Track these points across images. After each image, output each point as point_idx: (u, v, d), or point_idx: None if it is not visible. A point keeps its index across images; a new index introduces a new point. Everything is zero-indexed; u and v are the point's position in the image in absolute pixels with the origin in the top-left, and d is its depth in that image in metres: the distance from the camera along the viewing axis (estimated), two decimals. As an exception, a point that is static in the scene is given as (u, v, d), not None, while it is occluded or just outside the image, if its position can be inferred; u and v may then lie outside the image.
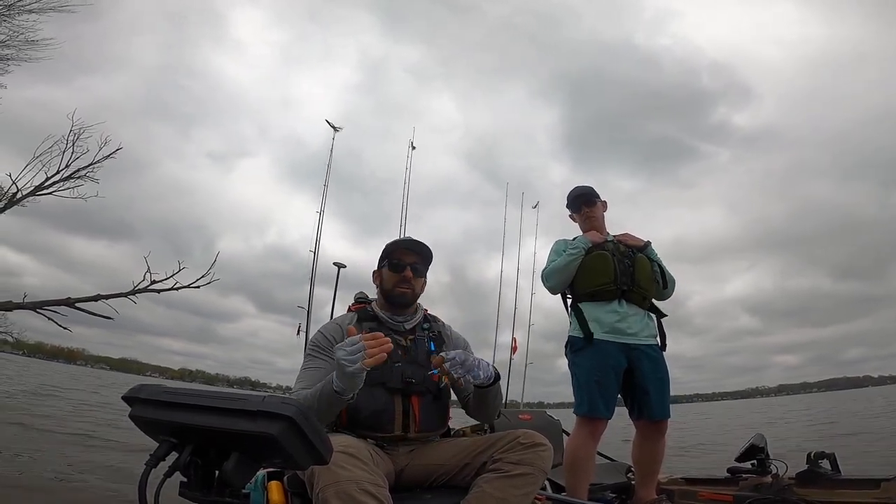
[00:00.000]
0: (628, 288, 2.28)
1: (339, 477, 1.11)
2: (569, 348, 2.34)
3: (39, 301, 6.13)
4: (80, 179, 6.78)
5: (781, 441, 5.99)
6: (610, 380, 2.19)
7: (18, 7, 6.90)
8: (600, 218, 2.54)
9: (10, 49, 7.11)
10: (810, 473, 2.20)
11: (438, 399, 1.55)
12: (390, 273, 1.61)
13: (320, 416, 1.27)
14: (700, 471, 3.13)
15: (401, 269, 1.60)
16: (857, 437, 7.68)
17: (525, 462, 1.32)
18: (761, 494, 2.24)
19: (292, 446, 0.79)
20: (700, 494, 2.49)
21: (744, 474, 2.40)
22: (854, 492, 2.06)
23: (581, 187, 2.57)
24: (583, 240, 2.40)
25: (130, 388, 0.84)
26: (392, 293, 1.61)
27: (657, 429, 2.24)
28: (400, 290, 1.60)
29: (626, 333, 2.24)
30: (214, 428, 0.79)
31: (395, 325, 1.61)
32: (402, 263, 1.61)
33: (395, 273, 1.60)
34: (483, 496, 1.28)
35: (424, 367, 1.51)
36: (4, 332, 8.65)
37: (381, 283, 1.65)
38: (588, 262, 2.34)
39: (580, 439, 2.20)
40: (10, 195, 6.58)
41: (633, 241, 2.45)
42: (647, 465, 2.29)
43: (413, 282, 1.60)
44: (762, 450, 2.36)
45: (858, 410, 15.94)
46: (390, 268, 1.61)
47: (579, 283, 2.35)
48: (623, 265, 2.32)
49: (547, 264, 2.47)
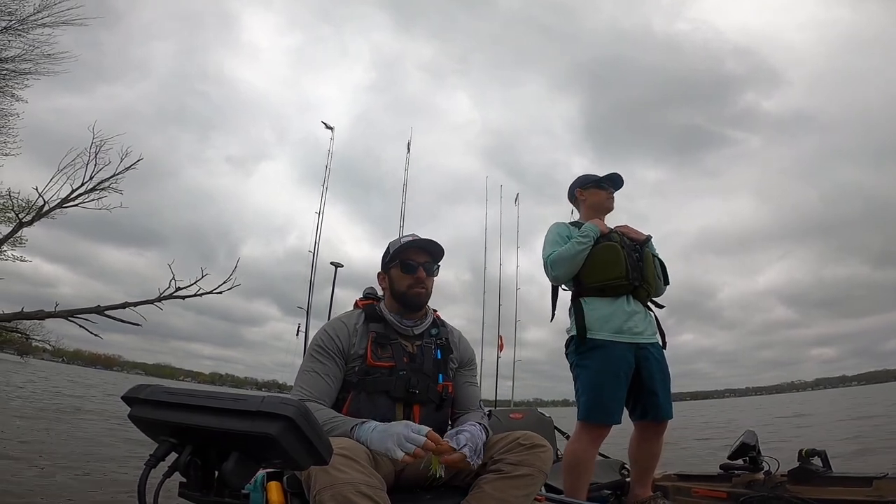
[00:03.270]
0: (639, 284, 2.09)
1: (336, 479, 1.05)
2: (572, 348, 2.12)
3: (70, 309, 6.14)
4: (105, 191, 6.81)
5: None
6: (621, 384, 2.01)
7: (32, 21, 6.95)
8: (607, 205, 2.32)
9: (28, 63, 7.17)
10: (802, 471, 2.14)
11: (440, 409, 1.46)
12: (402, 274, 1.48)
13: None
14: (693, 467, 3.08)
15: (413, 269, 1.47)
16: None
17: (526, 463, 1.26)
18: (755, 491, 2.18)
19: (292, 447, 0.74)
20: (694, 491, 2.43)
21: (737, 471, 2.35)
22: (846, 489, 2.00)
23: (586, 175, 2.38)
24: (592, 227, 2.14)
25: (130, 388, 0.81)
26: (406, 295, 1.48)
27: (659, 429, 2.11)
28: (414, 292, 1.47)
29: (633, 333, 2.05)
30: (214, 428, 0.74)
31: (403, 329, 1.48)
32: (414, 263, 1.48)
33: (408, 274, 1.47)
34: (483, 497, 1.23)
35: (429, 376, 1.43)
36: (42, 341, 8.68)
37: (391, 285, 1.51)
38: (598, 252, 2.10)
39: (582, 444, 2.03)
40: (37, 208, 6.60)
41: (634, 235, 2.23)
42: (644, 464, 2.18)
43: (426, 282, 1.49)
44: (754, 447, 2.30)
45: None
46: (402, 269, 1.48)
47: (587, 276, 2.11)
48: (632, 259, 2.12)
49: (548, 250, 2.19)
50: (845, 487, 2.01)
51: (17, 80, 7.28)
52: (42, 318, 6.44)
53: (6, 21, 6.86)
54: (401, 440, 1.13)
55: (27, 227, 6.86)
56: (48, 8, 6.93)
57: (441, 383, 1.46)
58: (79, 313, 6.10)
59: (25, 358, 42.75)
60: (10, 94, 7.30)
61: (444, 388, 1.46)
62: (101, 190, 6.78)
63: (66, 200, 6.61)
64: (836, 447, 4.74)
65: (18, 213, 6.81)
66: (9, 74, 7.18)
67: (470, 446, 1.21)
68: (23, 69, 7.21)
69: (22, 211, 6.79)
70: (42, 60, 7.16)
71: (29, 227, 6.90)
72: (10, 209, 6.91)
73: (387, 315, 1.49)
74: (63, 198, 6.57)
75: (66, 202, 6.62)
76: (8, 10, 6.80)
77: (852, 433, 7.97)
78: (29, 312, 6.30)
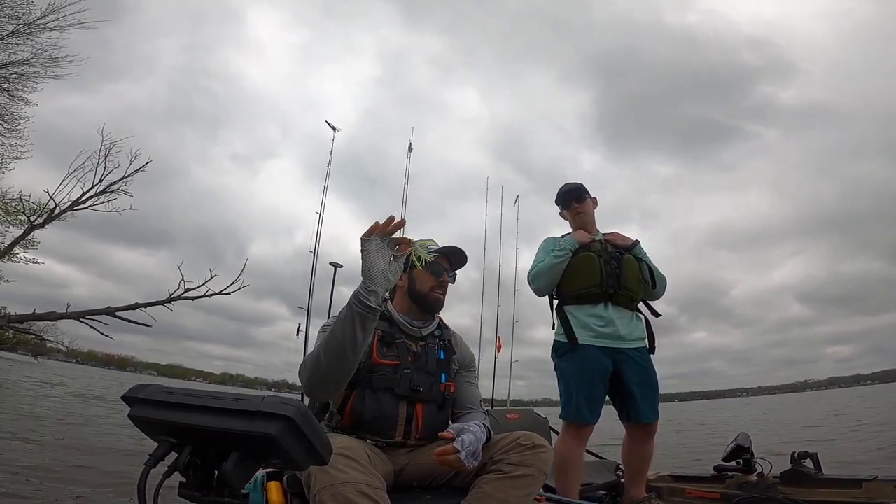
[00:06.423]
0: (615, 291, 2.13)
1: (336, 479, 1.03)
2: (554, 353, 2.20)
3: (82, 311, 6.12)
4: (114, 193, 6.80)
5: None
6: (596, 385, 2.06)
7: (39, 25, 6.93)
8: (590, 215, 2.36)
9: (37, 67, 7.14)
10: (794, 473, 2.13)
11: (443, 408, 1.45)
12: (428, 276, 1.48)
13: (338, 353, 1.16)
14: (686, 468, 3.06)
15: (440, 273, 1.49)
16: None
17: (526, 463, 1.24)
18: (748, 492, 2.16)
19: (292, 446, 0.72)
20: (688, 492, 2.40)
21: (730, 472, 2.32)
22: (837, 491, 1.98)
23: (571, 184, 2.40)
24: (570, 241, 2.22)
25: (129, 387, 0.79)
26: (428, 296, 1.48)
27: (646, 431, 2.12)
28: (436, 295, 1.49)
29: (611, 337, 2.09)
30: (214, 428, 0.72)
31: (412, 329, 1.48)
32: (441, 268, 1.49)
33: (435, 276, 1.48)
34: (483, 497, 1.20)
35: (432, 375, 1.43)
36: (56, 342, 8.63)
37: (412, 284, 1.50)
38: (574, 263, 2.17)
39: (567, 443, 2.08)
40: (48, 210, 6.59)
41: (621, 241, 2.28)
42: (636, 465, 2.18)
43: (446, 287, 1.51)
44: (747, 449, 2.28)
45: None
46: (431, 270, 1.47)
47: (565, 286, 2.20)
48: (609, 267, 2.16)
49: (534, 264, 2.28)
50: (836, 489, 2.00)
51: (27, 84, 7.26)
52: (54, 320, 6.42)
53: (14, 25, 6.84)
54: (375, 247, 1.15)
55: (39, 229, 6.83)
56: (55, 11, 6.91)
57: (443, 383, 1.46)
58: (90, 314, 6.07)
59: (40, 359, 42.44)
60: (19, 97, 7.28)
61: (446, 387, 1.46)
62: (111, 192, 6.78)
63: (77, 203, 6.60)
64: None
65: (30, 215, 6.79)
66: (18, 78, 7.16)
67: (469, 450, 1.19)
68: (32, 73, 7.19)
69: (33, 214, 6.77)
70: (51, 64, 7.14)
71: (41, 230, 6.87)
72: (22, 212, 6.89)
73: (395, 315, 1.49)
74: (74, 200, 6.56)
75: (77, 205, 6.62)
76: (15, 14, 6.78)
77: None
78: (41, 314, 6.27)
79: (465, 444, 1.19)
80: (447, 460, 1.18)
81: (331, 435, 1.17)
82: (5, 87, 7.10)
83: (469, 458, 1.18)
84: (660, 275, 2.28)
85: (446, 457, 1.18)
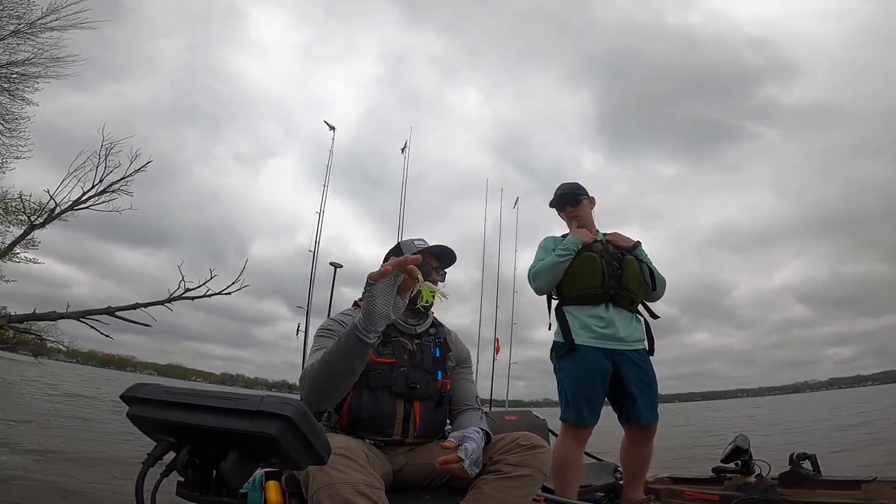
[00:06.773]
0: (616, 292, 2.10)
1: (334, 479, 1.02)
2: (553, 354, 2.17)
3: (82, 311, 6.08)
4: (115, 193, 6.76)
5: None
6: (595, 387, 2.03)
7: (40, 25, 6.89)
8: (587, 217, 2.31)
9: (38, 67, 7.10)
10: (793, 474, 2.11)
11: (440, 405, 1.45)
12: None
13: (334, 378, 1.14)
14: (685, 470, 3.04)
15: (430, 272, 1.46)
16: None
17: (525, 464, 1.23)
18: (746, 494, 2.15)
19: (291, 446, 0.71)
20: (686, 493, 2.39)
21: (728, 474, 2.31)
22: (836, 492, 1.97)
23: (566, 185, 2.35)
24: (573, 240, 2.17)
25: (128, 387, 0.78)
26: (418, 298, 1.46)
27: (645, 433, 2.10)
28: None
29: (611, 339, 2.06)
30: (213, 427, 0.72)
31: (407, 328, 1.48)
32: (429, 268, 1.46)
33: (425, 275, 1.43)
34: (482, 497, 1.19)
35: (429, 373, 1.42)
36: (56, 342, 8.59)
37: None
38: (575, 263, 2.13)
39: (566, 445, 2.05)
40: (48, 210, 6.56)
41: (622, 242, 2.25)
42: (635, 467, 2.15)
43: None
44: (746, 451, 2.27)
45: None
46: (421, 271, 1.48)
47: (565, 286, 2.16)
48: (611, 268, 2.12)
49: (534, 262, 2.23)
50: (835, 490, 1.99)
51: (28, 84, 7.22)
52: (54, 320, 6.38)
53: (15, 24, 6.82)
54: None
55: (39, 229, 6.81)
56: (56, 11, 6.89)
57: (440, 380, 1.46)
58: (90, 314, 6.04)
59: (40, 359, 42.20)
60: (20, 97, 7.24)
61: (442, 384, 1.46)
62: (112, 192, 6.75)
63: (77, 203, 6.57)
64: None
65: (30, 215, 6.77)
66: (19, 78, 7.13)
67: (472, 458, 1.18)
68: (33, 73, 7.16)
69: (34, 213, 6.75)
70: (52, 63, 7.11)
71: (41, 230, 6.85)
72: (22, 212, 6.86)
73: None
74: (74, 200, 6.53)
75: (77, 205, 6.58)
76: (16, 14, 6.76)
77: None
78: (41, 314, 6.24)
79: (468, 452, 1.18)
80: (451, 468, 1.17)
81: (329, 434, 1.15)
82: (6, 87, 7.09)
83: (472, 467, 1.18)
84: (660, 277, 2.26)
85: (450, 465, 1.17)
